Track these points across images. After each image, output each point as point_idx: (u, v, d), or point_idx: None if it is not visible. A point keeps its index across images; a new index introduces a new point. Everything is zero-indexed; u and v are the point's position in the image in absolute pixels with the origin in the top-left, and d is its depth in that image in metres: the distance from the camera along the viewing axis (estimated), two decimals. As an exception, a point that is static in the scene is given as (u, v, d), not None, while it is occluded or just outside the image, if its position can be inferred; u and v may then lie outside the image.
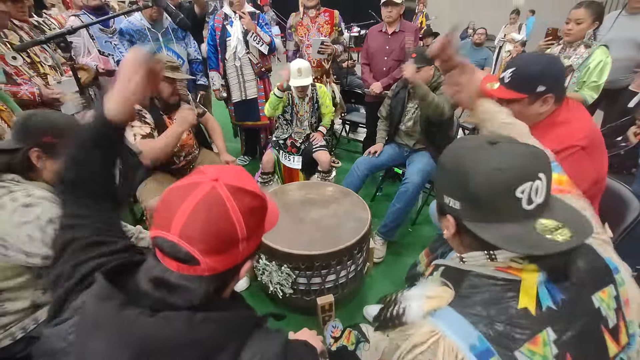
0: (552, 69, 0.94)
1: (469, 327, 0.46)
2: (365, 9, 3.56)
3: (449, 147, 0.57)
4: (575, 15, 1.75)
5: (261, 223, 0.52)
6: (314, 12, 2.39)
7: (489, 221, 0.48)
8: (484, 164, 0.48)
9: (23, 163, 0.86)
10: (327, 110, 2.22)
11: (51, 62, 1.69)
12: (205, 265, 0.44)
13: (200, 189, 0.45)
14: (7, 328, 0.88)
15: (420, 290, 0.54)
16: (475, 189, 0.48)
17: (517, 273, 0.48)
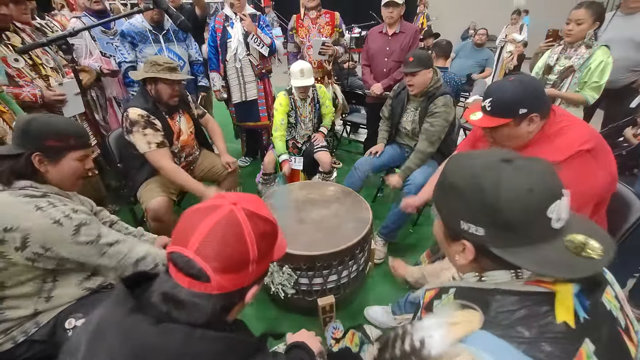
0: (527, 91, 0.95)
1: (516, 352, 0.41)
2: (366, 10, 3.57)
3: (456, 165, 0.52)
4: (575, 16, 1.75)
5: (271, 248, 0.54)
6: (315, 13, 2.39)
7: (518, 245, 0.45)
8: (511, 186, 0.45)
9: (27, 168, 0.86)
10: (327, 110, 2.23)
11: (53, 64, 1.70)
12: (216, 283, 0.46)
13: (219, 211, 0.48)
14: (8, 332, 0.88)
15: (436, 318, 0.48)
16: (507, 215, 0.44)
17: (550, 286, 0.45)
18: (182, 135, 1.73)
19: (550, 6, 6.11)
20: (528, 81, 0.99)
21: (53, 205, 0.84)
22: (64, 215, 0.84)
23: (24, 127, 0.86)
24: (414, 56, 1.75)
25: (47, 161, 0.88)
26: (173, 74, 1.54)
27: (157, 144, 1.54)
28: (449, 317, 0.47)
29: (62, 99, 1.64)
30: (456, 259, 0.53)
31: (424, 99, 1.84)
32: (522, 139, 1.00)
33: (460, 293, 0.52)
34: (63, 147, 0.89)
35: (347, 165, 2.92)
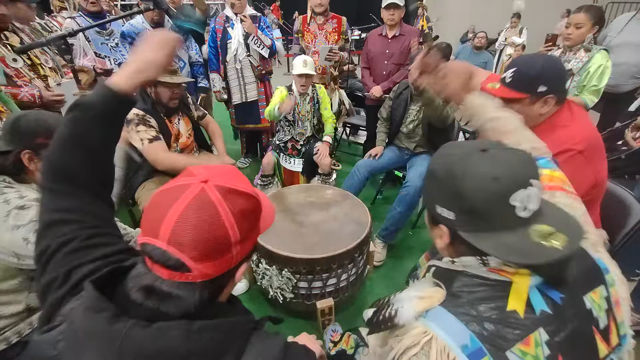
0: (553, 70, 0.95)
1: (461, 326, 0.46)
2: (367, 12, 3.58)
3: (439, 154, 0.56)
4: (575, 20, 1.75)
5: (256, 224, 0.50)
6: (322, 19, 2.39)
7: (485, 230, 0.48)
8: (477, 174, 0.48)
9: (15, 165, 0.85)
10: (327, 114, 2.19)
11: (52, 64, 1.69)
12: (198, 272, 0.42)
13: (189, 192, 0.42)
14: (2, 332, 0.87)
15: (412, 291, 0.54)
16: (471, 201, 0.48)
17: (509, 275, 0.49)
18: (180, 138, 1.72)
19: (548, 11, 6.14)
20: (556, 61, 0.98)
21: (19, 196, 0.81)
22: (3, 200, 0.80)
23: (13, 125, 0.85)
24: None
25: (37, 159, 0.87)
26: (173, 76, 1.54)
27: (149, 139, 1.52)
28: (420, 292, 0.53)
29: (60, 99, 1.63)
30: (437, 243, 0.57)
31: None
32: (531, 120, 0.97)
33: (437, 272, 0.57)
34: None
35: (346, 167, 2.92)
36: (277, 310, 1.54)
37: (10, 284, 0.86)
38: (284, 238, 1.37)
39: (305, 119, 2.15)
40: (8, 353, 0.88)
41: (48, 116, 0.91)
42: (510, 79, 0.96)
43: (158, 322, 0.40)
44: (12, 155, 0.84)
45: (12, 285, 0.86)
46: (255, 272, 1.48)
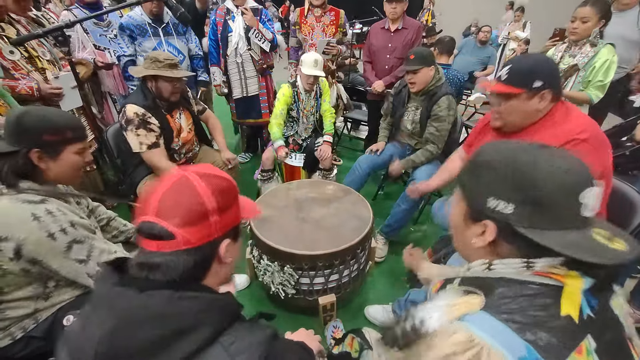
0: (546, 66, 0.97)
1: (513, 336, 0.41)
2: (369, 5, 3.53)
3: (491, 147, 0.52)
4: (581, 14, 1.72)
5: (233, 202, 0.55)
6: (320, 11, 2.35)
7: (548, 228, 0.45)
8: (547, 164, 0.45)
9: (26, 166, 0.83)
10: (325, 106, 2.15)
11: (49, 57, 1.66)
12: (180, 237, 0.48)
13: (171, 178, 0.52)
14: (7, 329, 0.87)
15: (439, 301, 0.49)
16: (540, 191, 0.44)
17: (560, 278, 0.45)
18: (182, 133, 1.71)
19: (552, 5, 6.07)
20: (548, 58, 1.01)
21: (51, 215, 0.81)
22: (60, 229, 0.81)
23: (17, 123, 0.82)
24: (415, 53, 1.72)
25: (47, 157, 0.85)
26: (174, 71, 1.51)
27: (148, 145, 1.52)
28: (450, 301, 0.48)
29: (59, 92, 1.61)
30: (473, 242, 0.52)
31: (425, 97, 1.82)
32: (530, 116, 1.01)
33: (465, 282, 0.52)
34: (61, 141, 0.87)
35: (347, 162, 2.90)
36: (278, 306, 1.54)
37: (24, 291, 0.86)
38: (285, 234, 1.36)
39: (309, 114, 2.13)
40: (12, 348, 0.88)
41: (52, 112, 0.89)
42: (506, 75, 0.99)
43: (149, 290, 0.47)
44: (21, 156, 0.82)
45: (25, 293, 0.86)
46: (257, 268, 1.48)
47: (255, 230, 1.37)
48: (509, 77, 0.98)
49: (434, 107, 1.78)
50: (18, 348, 0.88)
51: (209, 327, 0.47)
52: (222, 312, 0.50)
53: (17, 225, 0.77)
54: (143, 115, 1.51)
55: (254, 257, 1.50)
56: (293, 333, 0.90)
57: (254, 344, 0.49)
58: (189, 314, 0.46)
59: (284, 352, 0.54)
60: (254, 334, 0.50)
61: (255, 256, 1.47)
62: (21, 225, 0.77)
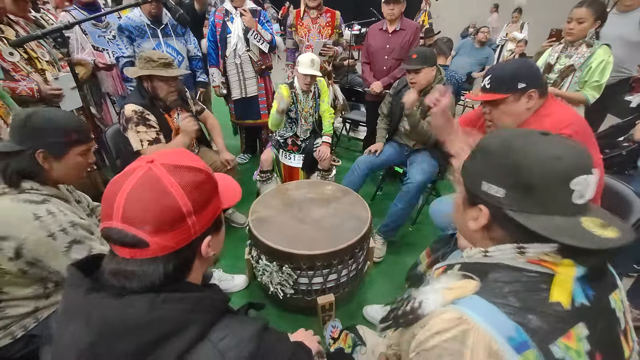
0: (525, 67, 1.02)
1: (503, 317, 0.43)
2: (367, 7, 3.54)
3: (492, 133, 0.54)
4: (577, 15, 1.74)
5: (211, 197, 0.50)
6: (316, 12, 2.36)
7: (536, 212, 0.46)
8: (540, 151, 0.46)
9: (32, 166, 0.84)
10: (324, 106, 2.15)
11: (48, 58, 1.67)
12: (156, 245, 0.44)
13: (136, 173, 0.45)
14: (7, 328, 0.87)
15: (437, 284, 0.51)
16: (529, 176, 0.45)
17: (551, 267, 0.46)
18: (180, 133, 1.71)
19: (549, 6, 6.11)
20: (526, 60, 1.07)
21: (52, 215, 0.81)
22: (60, 229, 0.82)
23: (23, 123, 0.84)
24: (418, 53, 1.71)
25: (52, 158, 0.86)
26: (168, 70, 1.51)
27: (149, 141, 1.52)
28: (446, 284, 0.50)
29: (59, 93, 1.61)
30: (469, 225, 0.54)
31: (425, 97, 1.82)
32: (521, 116, 1.05)
33: (464, 267, 0.54)
34: (66, 143, 0.88)
35: (346, 163, 2.91)
36: (278, 306, 1.55)
37: (24, 291, 0.86)
38: (284, 234, 1.36)
39: (308, 115, 2.13)
40: (13, 347, 0.88)
41: (58, 114, 0.90)
42: (488, 84, 1.03)
43: (129, 295, 0.43)
44: (26, 155, 0.83)
45: (25, 293, 0.86)
46: (255, 269, 1.48)
47: (254, 230, 1.37)
48: (492, 85, 1.03)
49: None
50: (19, 347, 0.89)
51: (197, 326, 0.44)
52: (209, 309, 0.47)
53: (18, 224, 0.78)
54: (142, 112, 1.51)
55: (252, 257, 1.50)
56: (292, 334, 0.90)
57: (244, 339, 0.47)
58: (175, 317, 0.43)
59: (275, 344, 0.52)
60: (244, 329, 0.48)
61: (254, 256, 1.47)
62: (22, 225, 0.78)
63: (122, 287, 0.45)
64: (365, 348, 0.90)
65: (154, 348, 0.41)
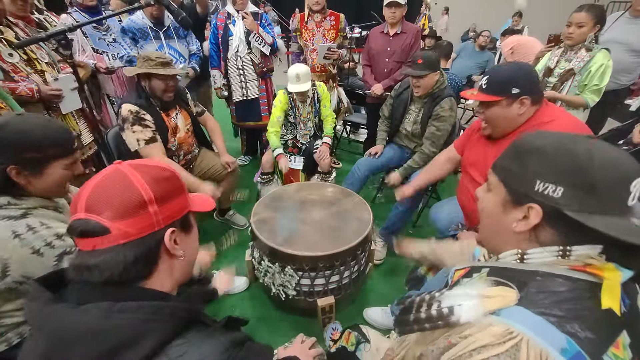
0: (521, 72, 1.03)
1: (553, 329, 0.41)
2: (368, 10, 3.56)
3: (538, 134, 0.52)
4: (576, 19, 1.75)
5: (176, 192, 0.52)
6: (320, 16, 2.37)
7: (595, 212, 0.45)
8: (605, 151, 0.46)
9: (4, 182, 0.78)
10: (327, 112, 2.17)
11: (48, 59, 1.67)
12: (117, 230, 0.44)
13: (102, 172, 0.49)
14: (3, 335, 0.86)
15: (469, 289, 0.48)
16: (595, 176, 0.45)
17: (597, 272, 0.45)
18: (178, 132, 1.71)
19: (549, 10, 6.15)
20: (523, 65, 1.07)
21: (33, 231, 0.76)
22: (45, 243, 0.77)
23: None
24: (424, 58, 1.72)
25: (27, 173, 0.79)
26: (167, 68, 1.52)
27: (145, 140, 1.52)
28: (481, 290, 0.47)
29: (58, 93, 1.62)
30: (514, 226, 0.51)
31: (427, 99, 1.83)
32: (512, 121, 1.07)
33: (494, 272, 0.51)
34: (42, 158, 0.80)
35: (346, 165, 2.91)
36: (279, 308, 1.54)
37: (15, 304, 0.84)
38: (286, 235, 1.36)
39: (307, 120, 2.14)
40: (9, 354, 0.86)
41: (35, 125, 0.81)
42: (485, 85, 1.06)
43: (87, 304, 0.43)
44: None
45: (17, 305, 0.84)
46: (257, 270, 1.48)
47: (256, 231, 1.37)
48: (488, 86, 1.05)
49: (436, 107, 1.79)
50: (14, 354, 0.86)
51: (154, 337, 0.42)
52: (170, 319, 0.44)
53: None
54: (137, 112, 1.52)
55: (254, 258, 1.50)
56: (287, 348, 0.90)
57: (206, 356, 0.43)
58: (130, 326, 0.42)
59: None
60: (207, 344, 0.45)
61: (256, 258, 1.47)
62: (3, 245, 0.73)
63: (81, 288, 0.45)
64: (369, 345, 0.89)
65: (107, 359, 0.40)
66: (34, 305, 0.44)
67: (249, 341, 0.52)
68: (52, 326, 0.42)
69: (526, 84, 1.02)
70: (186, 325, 0.46)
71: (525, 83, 1.02)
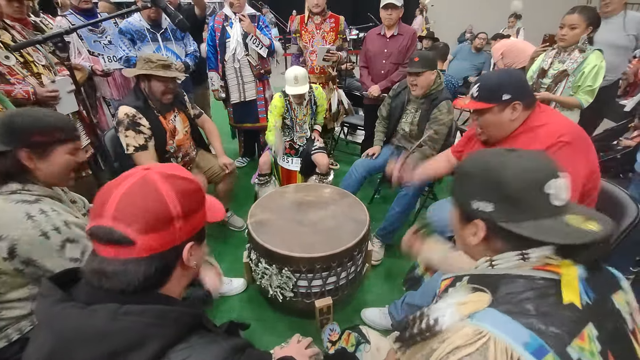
0: (512, 79, 1.04)
1: (517, 326, 0.44)
2: (365, 12, 3.58)
3: (468, 158, 0.60)
4: (569, 21, 1.77)
5: (199, 206, 0.52)
6: (320, 18, 2.38)
7: (524, 219, 0.50)
8: (512, 166, 0.52)
9: (15, 166, 0.83)
10: (320, 109, 2.21)
11: (45, 62, 1.67)
12: (142, 243, 0.44)
13: (131, 177, 0.48)
14: (3, 330, 0.86)
15: (450, 300, 0.52)
16: (509, 189, 0.51)
17: (556, 270, 0.49)
18: (177, 135, 1.71)
19: (545, 11, 6.21)
20: (513, 71, 1.09)
21: (45, 215, 0.81)
22: (53, 228, 0.81)
23: (7, 123, 0.83)
24: (420, 56, 1.74)
25: (36, 157, 0.85)
26: (167, 71, 1.52)
27: (135, 147, 1.53)
28: (459, 298, 0.52)
29: (55, 95, 1.61)
30: (469, 240, 0.58)
31: (425, 100, 1.85)
32: (506, 127, 1.08)
33: (473, 279, 0.56)
34: (50, 141, 0.86)
35: (344, 166, 2.92)
36: (277, 309, 1.54)
37: (19, 292, 0.85)
38: (283, 237, 1.36)
39: (303, 122, 2.15)
40: (8, 350, 0.86)
41: (42, 113, 0.89)
42: (476, 93, 1.07)
43: (95, 304, 0.43)
44: (10, 155, 0.82)
45: (21, 294, 0.86)
46: (255, 272, 1.48)
47: (253, 233, 1.37)
48: (479, 94, 1.06)
49: (434, 110, 1.81)
50: (14, 350, 0.87)
51: (158, 341, 0.43)
52: (174, 324, 0.45)
53: (11, 224, 0.77)
54: (133, 116, 1.52)
55: (251, 260, 1.50)
56: (283, 348, 0.90)
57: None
58: (134, 330, 0.42)
59: None
60: (209, 350, 0.45)
61: (253, 259, 1.47)
62: (15, 225, 0.77)
63: (93, 288, 0.45)
64: (369, 346, 0.90)
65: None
66: (45, 302, 0.45)
67: (250, 347, 0.52)
68: (59, 325, 0.42)
69: (516, 89, 1.02)
70: (189, 329, 0.47)
71: (516, 88, 1.02)
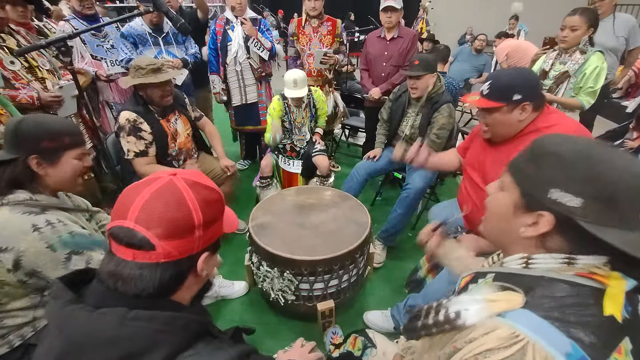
0: (524, 79, 1.03)
1: (558, 333, 0.41)
2: (366, 15, 3.60)
3: (557, 138, 0.50)
4: (570, 23, 1.77)
5: (219, 216, 0.53)
6: (317, 22, 2.40)
7: (610, 225, 0.43)
8: (621, 166, 0.43)
9: (25, 173, 0.83)
10: (321, 112, 2.21)
11: (49, 67, 1.69)
12: (161, 249, 0.45)
13: (158, 182, 0.48)
14: (5, 337, 0.86)
15: (475, 295, 0.48)
16: (611, 189, 0.43)
17: (602, 280, 0.45)
18: (178, 137, 1.72)
19: (545, 13, 6.22)
20: (525, 70, 1.07)
21: (52, 226, 0.81)
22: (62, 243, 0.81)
23: (15, 130, 0.83)
24: (420, 60, 1.74)
25: (45, 163, 0.86)
26: (157, 75, 1.50)
27: (135, 153, 1.54)
28: (487, 295, 0.47)
29: (58, 100, 1.63)
30: (521, 231, 0.50)
31: (426, 104, 1.85)
32: (513, 127, 1.07)
33: (500, 277, 0.51)
34: (59, 147, 0.87)
35: (345, 169, 2.92)
36: (278, 312, 1.54)
37: (21, 302, 0.85)
38: (285, 240, 1.36)
39: (302, 125, 2.16)
40: (10, 356, 0.87)
41: (49, 119, 0.90)
42: (487, 90, 1.05)
43: (103, 308, 0.43)
44: (20, 163, 0.83)
45: (23, 303, 0.86)
46: (257, 275, 1.48)
47: (254, 236, 1.37)
48: (490, 92, 1.05)
49: (435, 114, 1.81)
50: (16, 356, 0.87)
51: (166, 348, 0.43)
52: (182, 331, 0.45)
53: (17, 236, 0.77)
54: (134, 121, 1.52)
55: (253, 263, 1.50)
56: (286, 352, 0.90)
57: None
58: (142, 336, 0.42)
59: None
60: (215, 357, 0.46)
61: (255, 262, 1.47)
62: (22, 237, 0.77)
63: (104, 291, 0.45)
64: (376, 350, 0.89)
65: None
66: (56, 304, 0.45)
67: (255, 354, 0.52)
68: (69, 329, 0.42)
69: (527, 89, 1.01)
70: (196, 336, 0.47)
71: (527, 89, 1.01)
